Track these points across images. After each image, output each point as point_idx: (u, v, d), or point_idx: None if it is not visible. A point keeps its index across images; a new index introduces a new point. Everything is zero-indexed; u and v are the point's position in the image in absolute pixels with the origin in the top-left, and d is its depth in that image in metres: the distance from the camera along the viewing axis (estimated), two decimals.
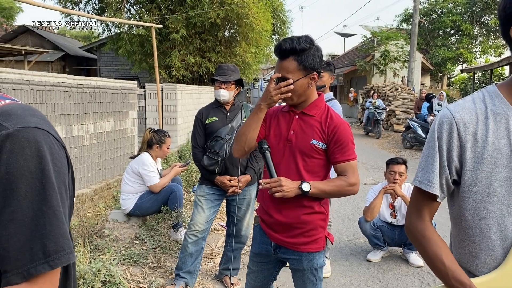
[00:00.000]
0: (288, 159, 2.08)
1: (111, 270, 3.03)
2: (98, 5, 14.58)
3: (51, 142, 0.84)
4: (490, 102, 1.22)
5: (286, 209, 2.08)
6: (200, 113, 3.41)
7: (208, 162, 3.27)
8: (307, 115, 2.09)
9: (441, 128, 1.24)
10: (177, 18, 12.84)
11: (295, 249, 2.12)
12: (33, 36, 21.31)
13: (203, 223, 3.32)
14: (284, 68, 2.00)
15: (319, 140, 2.04)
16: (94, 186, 5.45)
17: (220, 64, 3.50)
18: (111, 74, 18.52)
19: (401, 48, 21.99)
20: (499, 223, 1.20)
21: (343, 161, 2.04)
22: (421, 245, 1.31)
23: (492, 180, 1.19)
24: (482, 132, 1.20)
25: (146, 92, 9.02)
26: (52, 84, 4.68)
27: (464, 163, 1.22)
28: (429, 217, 1.32)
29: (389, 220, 4.21)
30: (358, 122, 19.47)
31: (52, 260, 0.81)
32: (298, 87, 2.00)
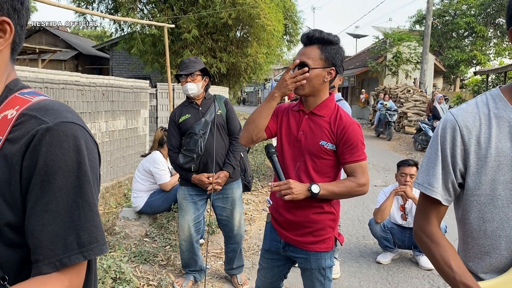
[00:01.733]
0: (297, 159, 2.07)
1: (121, 267, 3.06)
2: (111, 5, 14.72)
3: (86, 137, 0.87)
4: (493, 106, 1.22)
5: (295, 208, 2.07)
6: (173, 114, 3.30)
7: (183, 160, 3.13)
8: (317, 115, 2.07)
9: (444, 132, 1.25)
10: (189, 18, 12.90)
11: (304, 247, 2.12)
12: (47, 35, 21.57)
13: (189, 227, 3.23)
14: (307, 54, 1.99)
15: (328, 141, 2.03)
16: (106, 184, 5.51)
17: (183, 59, 3.36)
18: (123, 73, 18.66)
19: (413, 50, 21.81)
20: (503, 226, 1.20)
21: (353, 161, 2.02)
22: (428, 250, 1.31)
23: (496, 183, 1.19)
24: (485, 136, 1.20)
25: (158, 91, 9.07)
26: (65, 83, 4.74)
27: (468, 167, 1.22)
28: (436, 221, 1.32)
29: (399, 222, 4.19)
30: (370, 123, 19.36)
31: (86, 251, 0.83)
32: (314, 76, 1.98)
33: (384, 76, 22.88)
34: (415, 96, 17.38)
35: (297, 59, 2.00)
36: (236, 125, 3.33)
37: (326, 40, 1.99)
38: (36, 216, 0.81)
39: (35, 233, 0.81)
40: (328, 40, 1.99)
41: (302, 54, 2.01)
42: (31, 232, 0.81)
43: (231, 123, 3.32)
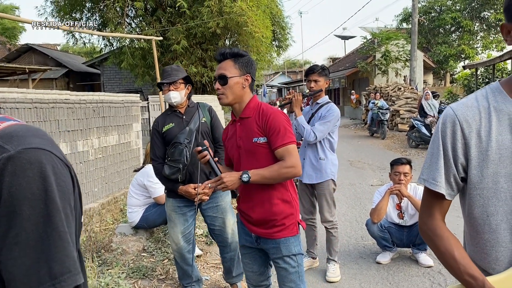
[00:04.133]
0: (244, 163, 2.27)
1: (119, 283, 3.05)
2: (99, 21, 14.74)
3: (54, 162, 0.84)
4: (493, 99, 1.23)
5: (256, 207, 2.27)
6: (155, 123, 3.20)
7: (169, 171, 3.06)
8: (244, 119, 2.29)
9: (444, 127, 1.26)
10: (178, 30, 12.93)
11: (272, 237, 2.28)
12: (36, 54, 21.56)
13: (180, 238, 3.19)
14: (223, 67, 2.25)
15: (259, 136, 2.23)
16: (101, 200, 5.48)
17: (164, 68, 3.29)
18: (114, 88, 18.66)
19: (402, 48, 21.95)
20: (508, 219, 1.20)
21: (280, 146, 2.19)
22: (433, 243, 1.32)
23: (498, 177, 1.19)
24: (486, 129, 1.20)
25: (150, 104, 9.06)
26: (55, 101, 4.73)
27: (470, 161, 1.23)
28: (440, 216, 1.32)
29: (396, 221, 4.19)
30: (363, 123, 19.43)
31: (58, 283, 0.79)
32: (233, 84, 2.23)
33: (374, 76, 23.00)
34: (406, 94, 17.47)
35: (216, 74, 2.26)
36: (221, 133, 3.25)
37: (237, 54, 2.28)
38: (7, 249, 0.78)
39: (7, 267, 0.78)
40: (238, 53, 2.28)
41: (218, 69, 2.26)
42: (4, 266, 0.79)
43: (216, 130, 3.28)
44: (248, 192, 2.28)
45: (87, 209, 4.99)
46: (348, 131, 18.54)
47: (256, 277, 2.46)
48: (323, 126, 3.66)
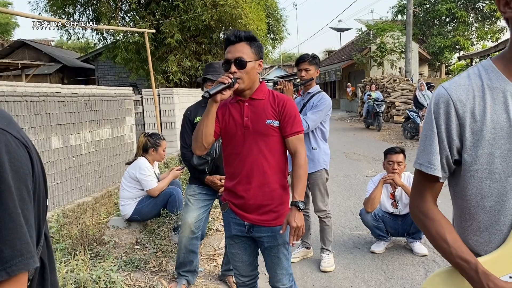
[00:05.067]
0: (249, 144, 2.22)
1: (111, 276, 3.01)
2: (92, 15, 14.63)
3: (7, 140, 0.80)
4: (486, 77, 1.19)
5: (256, 189, 2.22)
6: (188, 112, 3.31)
7: (198, 162, 3.19)
8: (256, 100, 2.25)
9: (437, 108, 1.21)
10: (171, 23, 12.85)
11: (268, 225, 2.26)
12: (30, 50, 21.40)
13: (193, 223, 3.25)
14: (239, 50, 2.15)
15: (273, 119, 2.22)
16: (95, 194, 5.45)
17: (210, 62, 3.39)
18: (109, 83, 18.56)
19: (397, 40, 21.92)
20: (502, 201, 1.17)
21: (293, 133, 2.22)
22: (424, 226, 1.30)
23: (492, 157, 1.16)
24: (480, 108, 1.16)
25: (143, 98, 9.02)
26: (45, 95, 4.68)
27: (464, 141, 1.19)
28: (432, 198, 1.30)
29: (390, 210, 4.18)
30: (359, 115, 19.42)
31: (9, 267, 0.75)
32: (250, 69, 2.16)
33: (369, 68, 22.98)
34: (402, 85, 17.46)
35: (231, 56, 2.15)
36: None
37: (251, 37, 2.20)
38: None
39: None
40: (253, 37, 2.21)
41: (233, 52, 2.16)
42: None
43: None
44: (250, 174, 2.21)
45: (80, 203, 4.96)
46: (343, 124, 18.53)
47: (245, 267, 2.43)
48: (315, 115, 3.64)
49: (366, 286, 3.52)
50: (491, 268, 1.17)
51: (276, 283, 2.39)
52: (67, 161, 5.02)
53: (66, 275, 2.94)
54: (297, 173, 2.19)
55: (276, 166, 2.25)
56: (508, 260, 1.18)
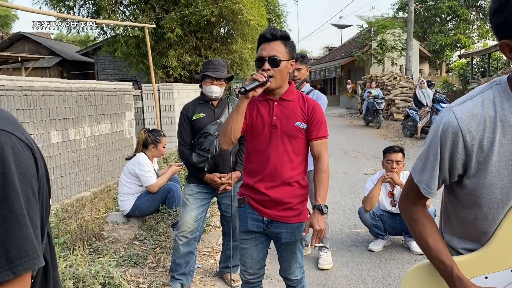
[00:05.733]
0: (275, 143, 2.24)
1: (110, 272, 3.02)
2: (92, 9, 14.57)
3: (13, 143, 0.81)
4: (500, 106, 1.16)
5: (278, 187, 2.26)
6: (186, 109, 3.27)
7: (197, 159, 3.16)
8: (286, 101, 2.28)
9: (445, 136, 1.20)
10: (172, 18, 12.80)
11: (287, 221, 2.30)
12: (30, 43, 21.33)
13: (192, 223, 3.22)
14: (275, 48, 2.18)
15: (302, 121, 2.26)
16: (94, 189, 5.45)
17: (210, 59, 3.36)
18: (109, 77, 18.52)
19: (398, 37, 21.88)
20: (492, 224, 1.22)
21: (319, 138, 2.28)
22: (410, 226, 1.39)
23: (493, 188, 1.17)
24: (488, 140, 1.16)
25: (143, 93, 9.01)
26: (45, 89, 4.67)
27: (468, 170, 1.20)
28: (421, 204, 1.37)
29: (388, 208, 4.19)
30: (358, 113, 19.42)
31: (15, 267, 0.78)
32: (283, 68, 2.19)
33: (370, 65, 22.95)
34: (402, 83, 17.44)
35: (266, 54, 2.17)
36: None
37: (287, 37, 2.22)
38: None
39: None
40: (288, 36, 2.23)
41: (268, 50, 2.18)
42: None
43: None
44: (274, 172, 2.25)
45: (79, 197, 4.97)
46: (343, 121, 18.53)
47: (254, 264, 2.45)
48: None
49: (364, 284, 3.53)
50: (469, 267, 1.23)
51: (289, 275, 2.46)
52: (66, 156, 5.02)
53: (65, 270, 2.95)
54: (320, 177, 2.26)
55: (299, 167, 2.30)
56: (485, 261, 1.23)
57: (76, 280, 2.90)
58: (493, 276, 1.21)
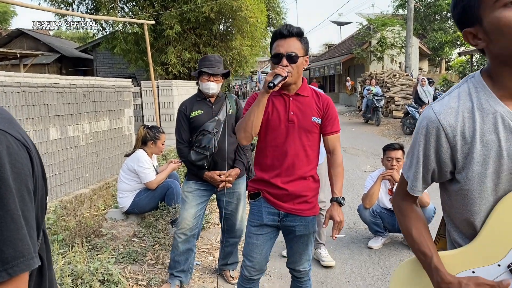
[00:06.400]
0: (292, 138, 2.28)
1: (109, 268, 3.02)
2: (91, 5, 14.52)
3: (8, 142, 0.80)
4: (476, 97, 1.19)
5: (294, 181, 2.31)
6: (183, 106, 3.25)
7: (196, 157, 3.14)
8: (301, 96, 2.32)
9: (427, 132, 1.23)
10: (171, 14, 12.77)
11: (302, 214, 2.36)
12: (28, 39, 21.28)
13: (191, 220, 3.21)
14: (291, 45, 2.21)
15: (318, 117, 2.32)
16: (93, 186, 5.44)
17: (206, 55, 3.33)
18: (108, 73, 18.48)
19: (397, 34, 21.83)
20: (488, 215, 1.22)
21: (333, 132, 2.35)
22: (399, 220, 1.42)
23: (483, 177, 1.18)
24: (470, 130, 1.18)
25: (142, 90, 8.99)
26: (44, 85, 4.65)
27: (457, 163, 1.21)
28: (411, 200, 1.40)
29: (388, 206, 4.19)
30: (358, 110, 19.40)
31: (10, 268, 0.76)
32: (299, 64, 2.23)
33: (369, 62, 22.90)
34: (401, 80, 17.41)
35: (284, 51, 2.19)
36: None
37: (302, 33, 2.26)
38: None
39: None
40: (303, 32, 2.27)
41: (286, 46, 2.21)
42: None
43: None
44: (292, 167, 2.28)
45: (78, 194, 4.95)
46: (342, 118, 18.51)
47: (261, 260, 2.45)
48: None
49: (363, 281, 3.53)
50: (456, 262, 1.25)
51: (298, 267, 2.50)
52: (65, 152, 5.00)
53: (64, 267, 2.94)
54: (337, 170, 2.35)
55: (314, 161, 2.36)
56: (472, 256, 1.24)
57: (75, 277, 2.89)
58: (480, 270, 1.22)
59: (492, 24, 1.09)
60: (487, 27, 1.11)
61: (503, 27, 1.07)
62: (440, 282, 1.21)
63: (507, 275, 1.19)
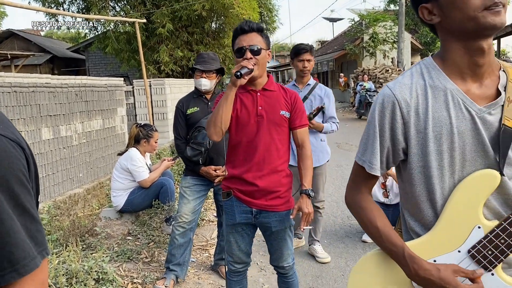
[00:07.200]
0: (263, 133, 2.29)
1: (103, 267, 3.01)
2: (82, 5, 14.43)
3: (4, 144, 0.80)
4: (428, 75, 1.23)
5: (266, 176, 2.31)
6: (180, 104, 3.33)
7: (191, 153, 3.22)
8: (269, 91, 2.35)
9: (383, 108, 1.24)
10: (163, 13, 12.72)
11: (276, 210, 2.35)
12: (19, 40, 21.12)
13: (189, 214, 3.28)
14: (253, 39, 2.25)
15: (286, 110, 2.34)
16: (86, 185, 5.42)
17: (200, 53, 3.42)
18: (100, 73, 18.39)
19: (389, 30, 21.88)
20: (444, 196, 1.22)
21: (302, 126, 2.38)
22: (358, 215, 1.37)
23: (438, 154, 1.20)
24: (423, 107, 1.21)
25: (135, 89, 8.96)
26: (35, 85, 4.62)
27: (409, 140, 1.23)
28: (367, 190, 1.37)
29: (381, 200, 4.22)
30: (351, 106, 19.46)
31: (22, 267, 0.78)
32: (263, 57, 2.27)
33: (362, 58, 22.95)
34: (394, 76, 17.46)
35: (246, 44, 2.23)
36: None
37: (262, 28, 2.32)
38: None
39: None
40: (263, 28, 2.33)
41: (249, 40, 2.25)
42: None
43: None
44: (262, 162, 2.29)
45: (72, 194, 4.93)
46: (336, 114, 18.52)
47: (242, 255, 2.49)
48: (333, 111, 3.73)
49: None
50: (418, 252, 1.23)
51: (281, 263, 2.50)
52: (58, 153, 4.98)
53: (58, 266, 2.93)
54: (306, 163, 2.37)
55: (284, 155, 2.37)
56: (433, 244, 1.23)
57: (70, 276, 2.89)
58: (442, 258, 1.22)
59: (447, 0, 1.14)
60: (442, 2, 1.16)
61: (457, 2, 1.12)
62: (417, 270, 1.19)
63: (468, 261, 1.20)
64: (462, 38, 1.16)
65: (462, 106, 1.18)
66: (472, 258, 1.19)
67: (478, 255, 1.18)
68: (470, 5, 1.10)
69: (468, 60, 1.18)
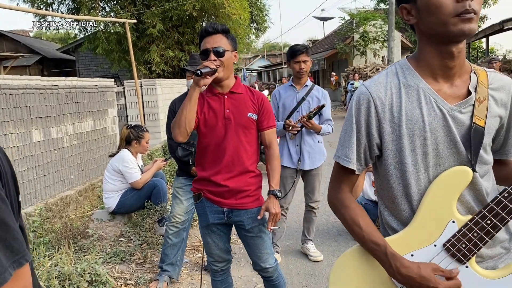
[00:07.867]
0: (231, 135, 2.32)
1: (96, 269, 3.01)
2: (72, 5, 14.34)
3: None
4: (402, 75, 1.29)
5: (235, 178, 2.33)
6: (173, 104, 3.35)
7: (182, 153, 3.25)
8: (236, 93, 2.36)
9: (359, 105, 1.30)
10: (153, 13, 12.69)
11: (246, 207, 2.38)
12: (7, 41, 20.89)
13: (182, 214, 3.31)
14: (217, 41, 2.25)
15: (253, 112, 2.36)
16: (78, 187, 5.39)
17: (192, 54, 3.44)
18: (90, 74, 18.27)
19: (379, 28, 22.01)
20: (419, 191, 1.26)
21: (269, 127, 2.40)
22: (340, 213, 1.38)
23: (411, 150, 1.25)
24: (397, 105, 1.26)
25: (126, 89, 8.92)
26: (25, 87, 4.59)
27: (384, 136, 1.28)
28: (348, 188, 1.40)
29: (373, 198, 4.25)
30: (342, 104, 19.53)
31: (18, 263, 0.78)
32: (228, 58, 2.27)
33: (353, 57, 23.04)
34: None
35: (211, 46, 2.24)
36: None
37: (227, 30, 2.32)
38: None
39: None
40: (228, 30, 2.34)
41: (211, 42, 2.25)
42: None
43: None
44: (231, 163, 2.32)
45: (63, 196, 4.91)
46: None
47: (221, 253, 2.52)
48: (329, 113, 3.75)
49: None
50: (395, 247, 1.26)
51: (262, 264, 2.48)
52: (48, 155, 4.96)
53: (50, 268, 2.92)
54: (274, 164, 2.40)
55: (253, 156, 2.40)
56: (409, 239, 1.27)
57: (62, 278, 2.88)
58: (419, 253, 1.26)
59: (423, 4, 1.19)
60: (419, 5, 1.20)
61: (431, 7, 1.16)
62: (399, 267, 1.22)
63: (443, 254, 1.24)
64: (434, 41, 1.22)
65: (434, 104, 1.24)
66: (447, 251, 1.23)
67: (452, 249, 1.22)
68: (442, 11, 1.15)
69: (439, 62, 1.24)
